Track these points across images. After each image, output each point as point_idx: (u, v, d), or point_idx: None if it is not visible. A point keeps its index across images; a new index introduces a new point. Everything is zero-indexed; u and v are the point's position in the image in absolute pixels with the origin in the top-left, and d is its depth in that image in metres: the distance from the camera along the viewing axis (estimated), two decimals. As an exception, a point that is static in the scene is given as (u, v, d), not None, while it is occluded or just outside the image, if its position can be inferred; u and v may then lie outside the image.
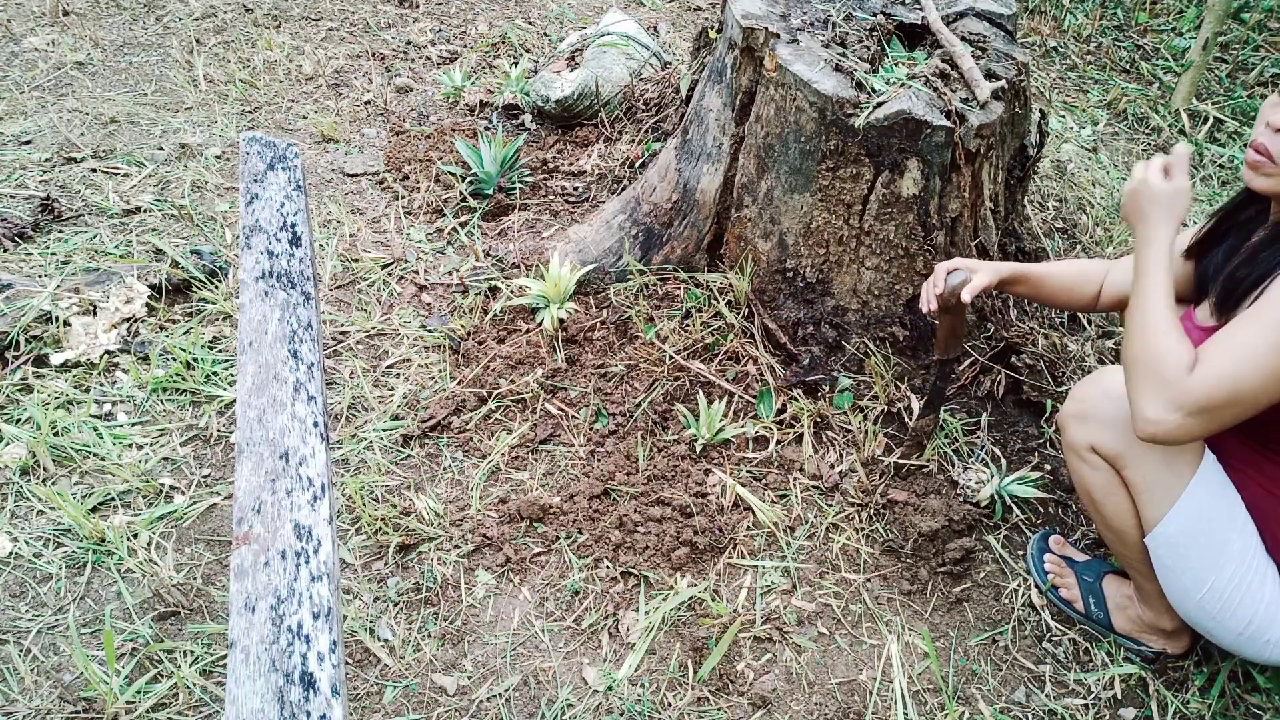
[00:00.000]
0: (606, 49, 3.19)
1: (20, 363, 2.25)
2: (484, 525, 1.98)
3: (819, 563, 1.97)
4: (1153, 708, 1.74)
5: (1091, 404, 1.64)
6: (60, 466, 2.06)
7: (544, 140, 3.15)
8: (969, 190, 2.10)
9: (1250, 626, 1.52)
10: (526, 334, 2.38)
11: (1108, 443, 1.60)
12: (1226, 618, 1.53)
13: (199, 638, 1.77)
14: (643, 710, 1.70)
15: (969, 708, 1.74)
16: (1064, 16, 4.16)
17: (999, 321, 2.29)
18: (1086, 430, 1.69)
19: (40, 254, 2.55)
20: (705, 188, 2.34)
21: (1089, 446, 1.66)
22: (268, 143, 1.52)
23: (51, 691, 1.67)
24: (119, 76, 3.39)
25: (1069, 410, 1.75)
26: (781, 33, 2.11)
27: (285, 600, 0.98)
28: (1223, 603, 1.52)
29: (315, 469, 1.11)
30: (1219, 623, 1.55)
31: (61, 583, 1.85)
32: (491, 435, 2.19)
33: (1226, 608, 1.52)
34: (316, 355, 1.25)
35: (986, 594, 1.93)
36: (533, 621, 1.85)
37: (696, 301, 2.37)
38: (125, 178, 2.88)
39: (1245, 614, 1.52)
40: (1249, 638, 1.53)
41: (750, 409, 2.21)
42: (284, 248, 1.38)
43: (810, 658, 1.81)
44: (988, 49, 2.17)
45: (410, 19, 3.95)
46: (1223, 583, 1.52)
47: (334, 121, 3.21)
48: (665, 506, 1.99)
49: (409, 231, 2.77)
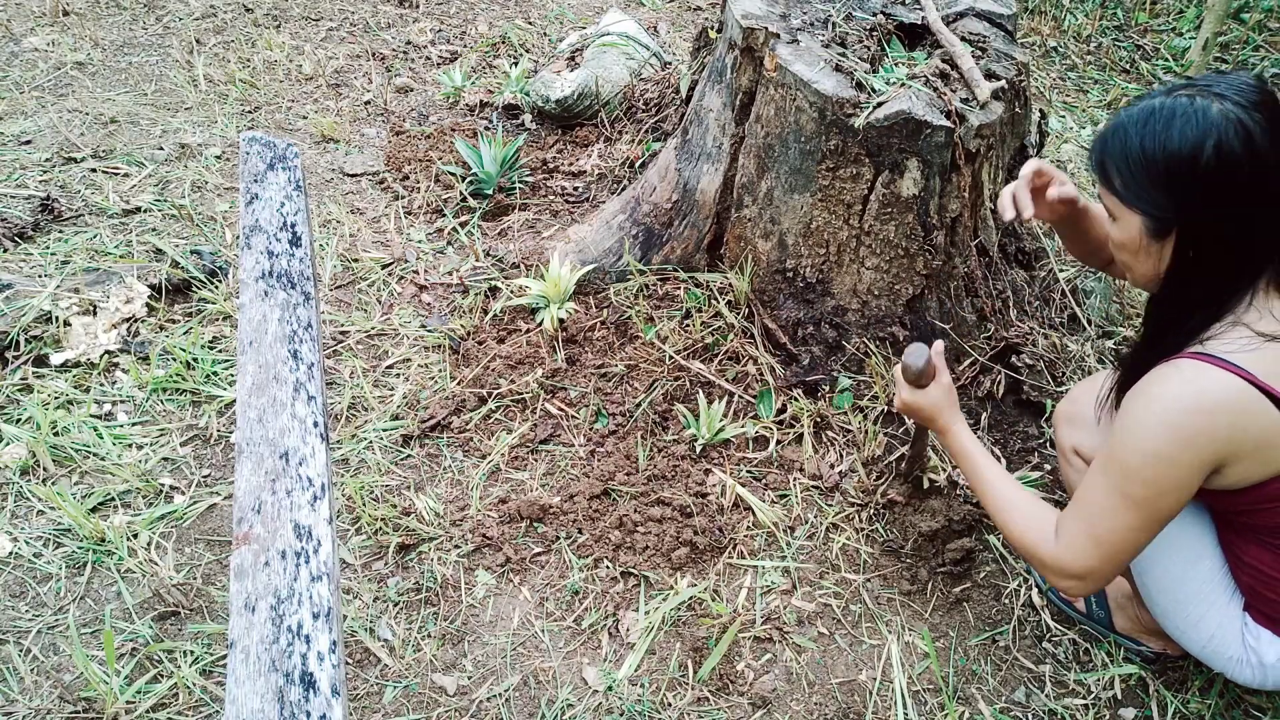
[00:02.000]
0: (606, 49, 3.19)
1: (20, 363, 2.25)
2: (484, 525, 1.98)
3: (819, 563, 1.97)
4: (1153, 708, 1.74)
5: (1080, 407, 1.64)
6: (60, 466, 2.06)
7: (544, 140, 3.15)
8: (969, 190, 2.10)
9: (1213, 641, 1.53)
10: (526, 334, 2.38)
11: (1090, 448, 1.62)
12: (1189, 629, 1.54)
13: (199, 638, 1.77)
14: (643, 710, 1.70)
15: (969, 708, 1.74)
16: (1064, 16, 4.16)
17: (999, 321, 2.29)
18: (1072, 433, 1.70)
19: (40, 254, 2.55)
20: (705, 188, 2.34)
21: (1073, 449, 1.67)
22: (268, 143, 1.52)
23: (51, 691, 1.67)
24: (119, 76, 3.39)
25: (1061, 410, 1.76)
26: (781, 33, 2.11)
27: (285, 600, 0.98)
28: (1186, 615, 1.54)
29: (315, 469, 1.11)
30: (1182, 632, 1.56)
31: (61, 583, 1.85)
32: (491, 435, 2.19)
33: (1190, 620, 1.53)
34: (316, 355, 1.25)
35: (986, 594, 1.93)
36: (533, 621, 1.85)
37: (696, 301, 2.37)
38: (125, 178, 2.88)
39: (1208, 628, 1.52)
40: (1213, 651, 1.54)
41: (750, 409, 2.21)
42: (284, 248, 1.38)
43: (810, 658, 1.81)
44: (988, 49, 2.17)
45: (410, 19, 3.95)
46: (1187, 595, 1.53)
47: (334, 121, 3.21)
48: (665, 506, 1.99)
49: (409, 231, 2.77)
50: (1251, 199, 1.22)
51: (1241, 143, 1.19)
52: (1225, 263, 1.29)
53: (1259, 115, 1.21)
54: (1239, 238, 1.26)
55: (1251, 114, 1.20)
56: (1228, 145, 1.20)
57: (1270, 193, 1.22)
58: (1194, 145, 1.21)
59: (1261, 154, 1.20)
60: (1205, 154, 1.20)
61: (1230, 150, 1.20)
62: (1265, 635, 1.48)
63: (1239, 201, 1.23)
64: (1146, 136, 1.25)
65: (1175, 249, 1.30)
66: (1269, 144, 1.21)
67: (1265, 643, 1.48)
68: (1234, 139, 1.19)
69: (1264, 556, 1.44)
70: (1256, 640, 1.49)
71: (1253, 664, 1.50)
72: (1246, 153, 1.20)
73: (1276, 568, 1.42)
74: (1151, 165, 1.25)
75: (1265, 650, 1.48)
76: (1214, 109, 1.21)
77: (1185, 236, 1.28)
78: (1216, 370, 1.26)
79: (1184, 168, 1.22)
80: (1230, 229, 1.25)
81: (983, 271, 2.26)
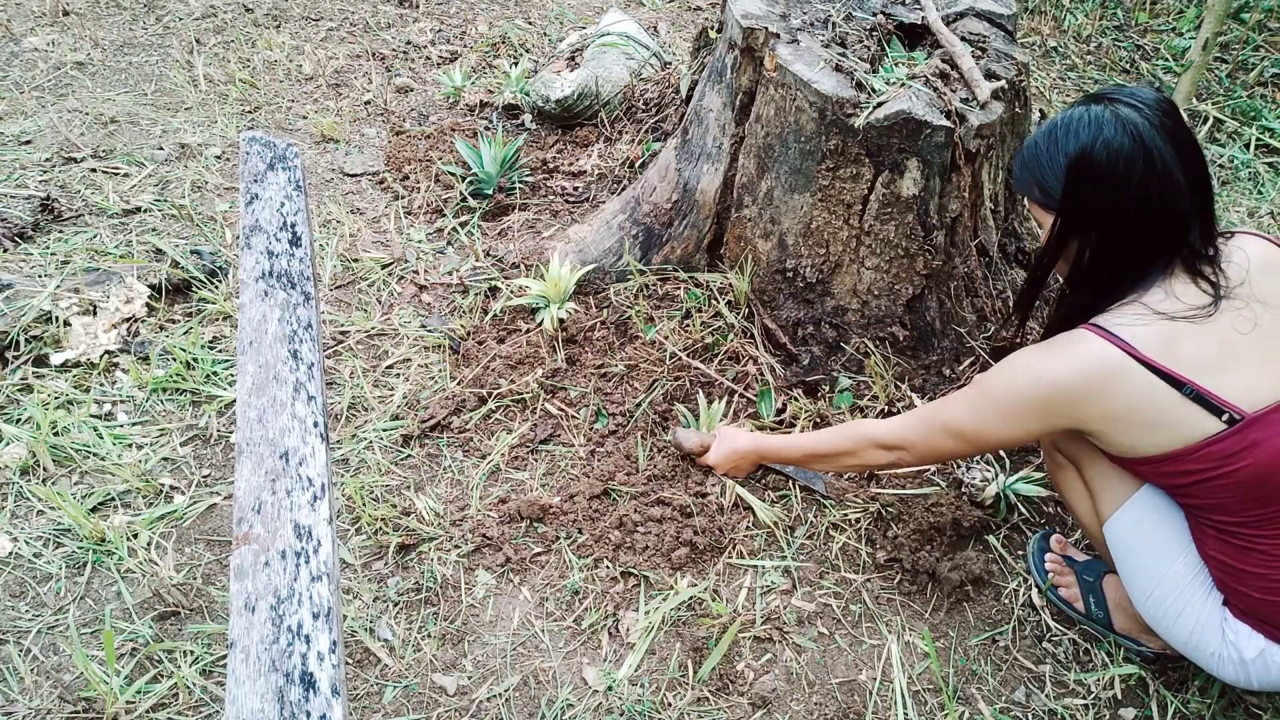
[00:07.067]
0: (606, 49, 3.19)
1: (20, 363, 2.25)
2: (484, 525, 1.98)
3: (819, 563, 1.97)
4: (1153, 708, 1.74)
5: None
6: (60, 466, 2.06)
7: (544, 140, 3.15)
8: (969, 190, 2.10)
9: (1194, 636, 1.54)
10: (526, 334, 2.38)
11: (1066, 444, 1.65)
12: (1170, 624, 1.56)
13: (199, 638, 1.77)
14: (643, 710, 1.70)
15: (969, 708, 1.74)
16: (1064, 16, 4.16)
17: (999, 321, 2.29)
18: None
19: (40, 254, 2.55)
20: (705, 188, 2.34)
21: (1052, 444, 1.71)
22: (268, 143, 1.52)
23: (51, 691, 1.67)
24: (119, 76, 3.39)
25: None
26: (781, 33, 2.11)
27: (285, 600, 0.98)
28: (1165, 610, 1.56)
29: (315, 469, 1.11)
30: (1165, 629, 1.58)
31: (61, 583, 1.85)
32: (491, 435, 2.19)
33: (1170, 615, 1.55)
34: (316, 355, 1.25)
35: (986, 594, 1.93)
36: (533, 621, 1.85)
37: (696, 301, 2.37)
38: (125, 178, 2.88)
39: (1188, 623, 1.54)
40: (1195, 647, 1.55)
41: (750, 409, 2.21)
42: (284, 248, 1.38)
43: (810, 658, 1.81)
44: (988, 49, 2.17)
45: (410, 19, 3.94)
46: (1164, 590, 1.55)
47: (334, 121, 3.21)
48: (665, 506, 1.99)
49: (409, 231, 2.77)
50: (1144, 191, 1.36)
51: (1130, 139, 1.35)
52: (1126, 251, 1.42)
53: (1150, 114, 1.36)
54: (1137, 227, 1.39)
55: (1143, 113, 1.36)
56: (1116, 141, 1.35)
57: (1165, 185, 1.36)
58: (1086, 144, 1.38)
59: (1152, 149, 1.34)
60: (1095, 150, 1.37)
61: (1119, 146, 1.35)
62: (1244, 630, 1.50)
63: (1132, 194, 1.36)
64: (1050, 144, 1.43)
65: (1079, 243, 1.45)
66: (1162, 139, 1.35)
67: (1244, 637, 1.50)
68: (1122, 136, 1.35)
69: (1223, 548, 1.47)
70: (1235, 635, 1.50)
71: (1234, 660, 1.51)
72: (1135, 147, 1.35)
73: (1237, 559, 1.45)
74: (1056, 168, 1.42)
75: (1244, 645, 1.50)
76: (1106, 113, 1.38)
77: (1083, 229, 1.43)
78: (1096, 339, 1.39)
79: (1080, 166, 1.39)
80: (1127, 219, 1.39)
81: (983, 271, 2.27)
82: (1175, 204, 1.37)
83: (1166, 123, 1.37)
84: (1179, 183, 1.36)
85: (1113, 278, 1.44)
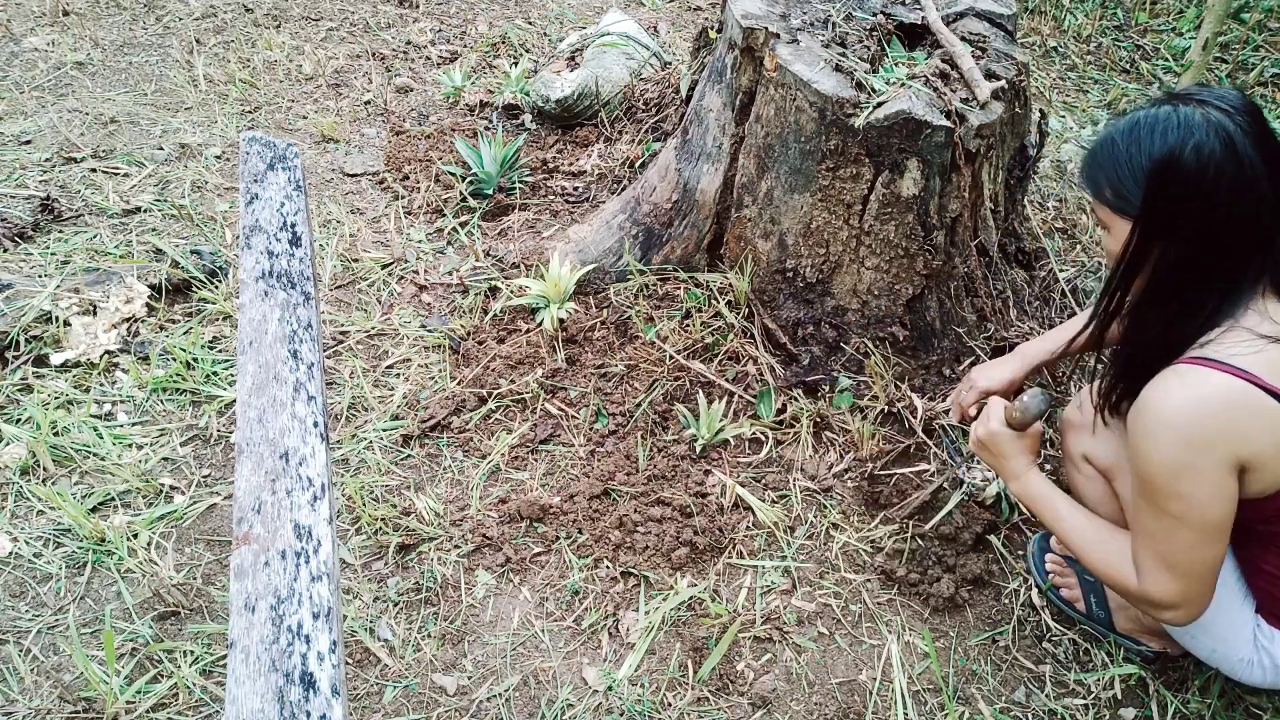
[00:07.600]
0: (606, 49, 3.19)
1: (20, 363, 2.25)
2: (484, 525, 1.98)
3: (819, 563, 1.97)
4: (1153, 708, 1.74)
5: (1089, 414, 1.64)
6: (60, 466, 2.06)
7: (544, 140, 3.15)
8: (969, 190, 2.10)
9: (1224, 644, 1.53)
10: (526, 334, 2.37)
11: (1101, 455, 1.62)
12: (1199, 633, 1.55)
13: (199, 638, 1.77)
14: (643, 710, 1.70)
15: (969, 708, 1.74)
16: (1064, 16, 4.16)
17: (999, 321, 2.29)
18: (1081, 440, 1.69)
19: (40, 254, 2.55)
20: (705, 188, 2.34)
21: (1082, 455, 1.67)
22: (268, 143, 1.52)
23: (51, 691, 1.67)
24: (119, 76, 3.39)
25: (1068, 417, 1.76)
26: (781, 33, 2.11)
27: (285, 600, 0.98)
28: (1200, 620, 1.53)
29: (315, 469, 1.11)
30: (1192, 636, 1.57)
31: (61, 583, 1.85)
32: (491, 435, 2.19)
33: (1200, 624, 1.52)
34: (316, 355, 1.25)
35: (987, 594, 1.93)
36: (533, 621, 1.85)
37: (696, 301, 2.37)
38: (125, 178, 2.88)
39: (1219, 631, 1.53)
40: (1222, 655, 1.54)
41: (750, 409, 2.21)
42: (284, 248, 1.38)
43: (810, 658, 1.81)
44: (988, 49, 2.17)
45: (410, 19, 3.94)
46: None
47: (334, 121, 3.21)
48: (665, 506, 1.99)
49: (409, 231, 2.77)
50: (1234, 201, 1.24)
51: (1222, 144, 1.23)
52: (1213, 264, 1.30)
53: (1241, 120, 1.24)
54: (1224, 239, 1.27)
55: (1234, 118, 1.24)
56: (1208, 146, 1.23)
57: (1254, 195, 1.24)
58: (1175, 147, 1.25)
59: (1243, 157, 1.23)
60: (1185, 155, 1.24)
61: (1211, 151, 1.23)
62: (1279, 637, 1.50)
63: (1221, 203, 1.25)
64: (1132, 144, 1.30)
65: (1161, 252, 1.32)
66: (1252, 147, 1.23)
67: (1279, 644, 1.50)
68: (1214, 140, 1.23)
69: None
70: (1270, 642, 1.50)
71: (1264, 665, 1.51)
72: (1227, 154, 1.23)
73: None
74: (1136, 171, 1.29)
75: (1278, 651, 1.50)
76: (1196, 115, 1.25)
77: (1167, 238, 1.30)
78: (1217, 374, 1.26)
79: (1167, 170, 1.26)
80: (1215, 230, 1.27)
81: (983, 271, 2.27)
82: (1266, 216, 1.27)
83: (1254, 129, 1.25)
84: (1266, 194, 1.26)
85: (1199, 292, 1.32)
